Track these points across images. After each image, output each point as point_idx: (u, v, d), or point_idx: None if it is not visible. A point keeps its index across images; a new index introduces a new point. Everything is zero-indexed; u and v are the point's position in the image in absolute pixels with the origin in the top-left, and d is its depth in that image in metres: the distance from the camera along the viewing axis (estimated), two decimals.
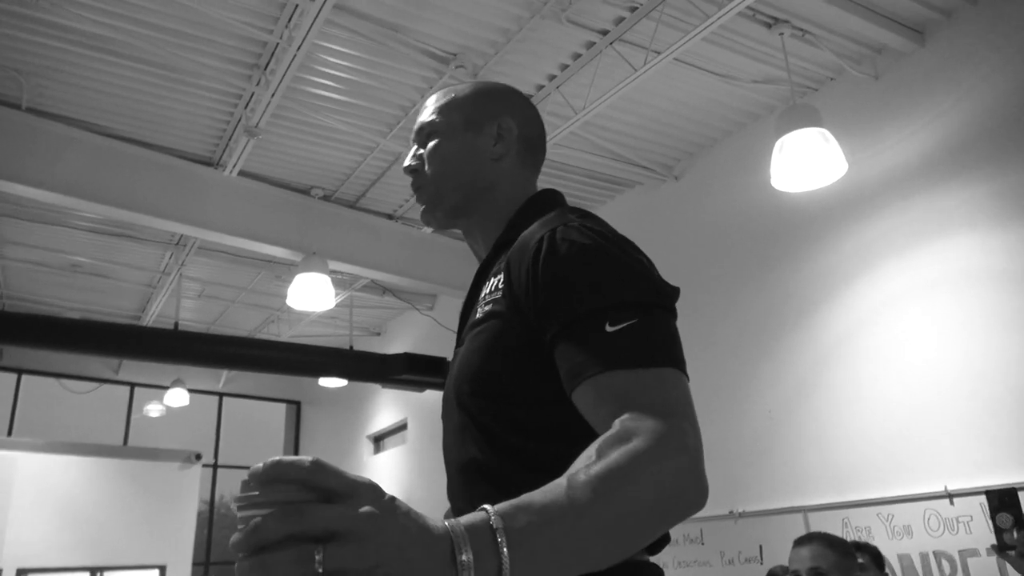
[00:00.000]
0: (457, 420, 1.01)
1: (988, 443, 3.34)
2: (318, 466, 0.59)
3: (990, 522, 2.21)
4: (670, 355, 0.85)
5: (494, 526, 0.63)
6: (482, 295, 1.03)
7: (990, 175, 3.50)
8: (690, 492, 0.76)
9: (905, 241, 3.80)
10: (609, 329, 0.84)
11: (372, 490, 0.60)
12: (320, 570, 0.54)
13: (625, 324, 0.84)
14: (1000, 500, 2.21)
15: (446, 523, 0.63)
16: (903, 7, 3.68)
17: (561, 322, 0.87)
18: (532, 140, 1.19)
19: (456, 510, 1.01)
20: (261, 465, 0.59)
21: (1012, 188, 3.41)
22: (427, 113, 1.19)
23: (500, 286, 0.98)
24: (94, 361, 8.59)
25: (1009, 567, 2.25)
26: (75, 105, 4.47)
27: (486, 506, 0.66)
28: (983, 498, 2.41)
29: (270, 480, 0.58)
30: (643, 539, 0.74)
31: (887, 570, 3.17)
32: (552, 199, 1.14)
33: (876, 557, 2.99)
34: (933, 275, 3.67)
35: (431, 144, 1.16)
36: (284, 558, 0.55)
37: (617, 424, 0.77)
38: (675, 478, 0.75)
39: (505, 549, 0.62)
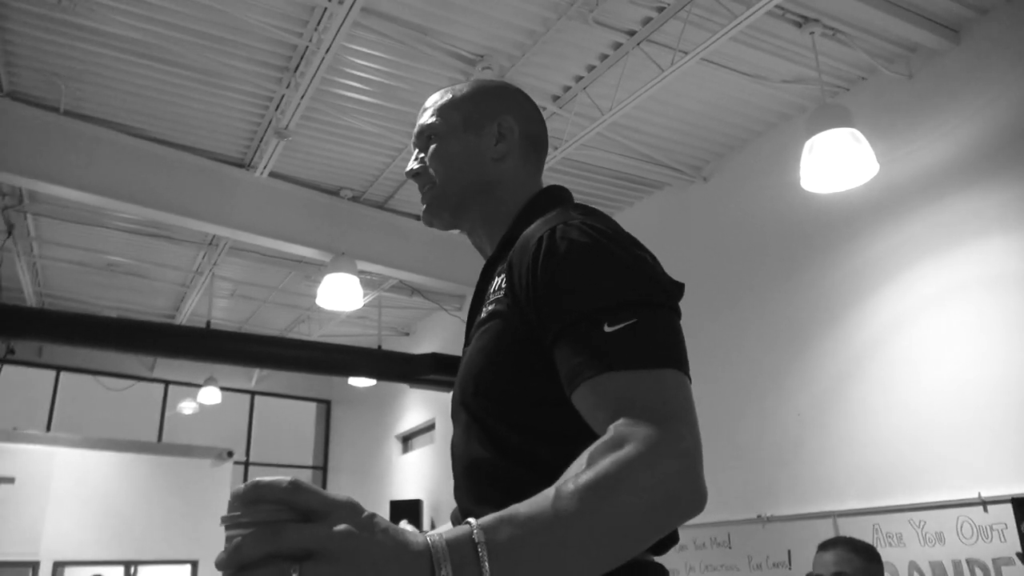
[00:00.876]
0: (463, 420, 1.02)
1: (1023, 448, 3.27)
2: (295, 486, 0.60)
3: (1018, 529, 2.17)
4: (670, 356, 0.84)
5: (476, 540, 0.63)
6: (487, 294, 1.03)
7: None
8: (683, 498, 0.74)
9: (938, 243, 3.73)
10: (608, 329, 0.82)
11: (349, 508, 0.61)
12: None
13: (624, 324, 0.83)
14: None
15: (428, 538, 0.63)
16: (938, 5, 3.62)
17: (560, 322, 0.86)
18: (534, 137, 1.18)
19: (462, 510, 1.01)
20: (243, 486, 0.61)
21: None
22: (426, 115, 1.18)
23: (503, 285, 0.98)
24: (130, 359, 8.76)
25: None
26: (111, 108, 4.58)
27: (470, 520, 0.66)
28: None
29: (251, 501, 0.60)
30: (635, 547, 0.73)
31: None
32: (557, 195, 1.14)
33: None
34: (966, 278, 3.60)
35: (432, 147, 1.16)
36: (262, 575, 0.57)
37: (611, 429, 0.76)
38: (667, 484, 0.73)
39: (487, 563, 0.62)
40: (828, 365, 4.16)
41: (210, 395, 8.66)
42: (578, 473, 0.71)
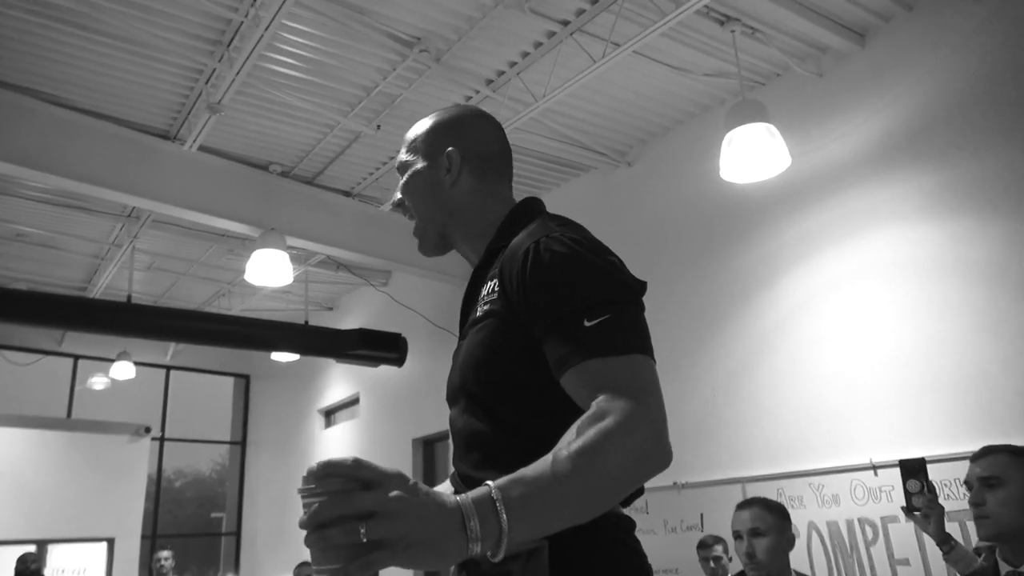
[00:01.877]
0: (463, 402, 1.19)
1: (911, 419, 3.63)
2: (357, 463, 0.78)
3: (903, 487, 2.50)
4: (637, 343, 1.03)
5: (494, 497, 0.81)
6: (481, 296, 1.20)
7: (920, 172, 3.77)
8: (654, 457, 0.94)
9: (841, 231, 4.06)
10: (587, 324, 1.01)
11: (399, 478, 0.79)
12: (364, 540, 0.74)
13: (600, 319, 1.01)
14: (911, 469, 2.51)
15: (457, 499, 0.81)
16: (845, 10, 3.91)
17: (547, 320, 1.05)
18: (485, 156, 1.33)
19: (461, 475, 1.18)
20: (316, 464, 0.78)
21: (939, 184, 3.69)
22: (401, 151, 1.36)
23: (496, 289, 1.15)
24: (36, 332, 8.42)
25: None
26: (29, 74, 4.41)
27: (488, 481, 0.84)
28: None
29: (322, 475, 0.78)
30: (616, 497, 0.94)
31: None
32: (533, 208, 1.30)
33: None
34: (865, 264, 3.94)
35: (402, 182, 1.34)
36: (337, 532, 0.75)
37: (594, 405, 0.95)
38: (640, 446, 0.92)
39: (504, 515, 0.80)
40: (740, 344, 4.47)
41: (123, 370, 8.42)
42: (570, 442, 0.90)
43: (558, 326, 1.03)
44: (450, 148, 1.30)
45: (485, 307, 1.17)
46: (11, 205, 5.88)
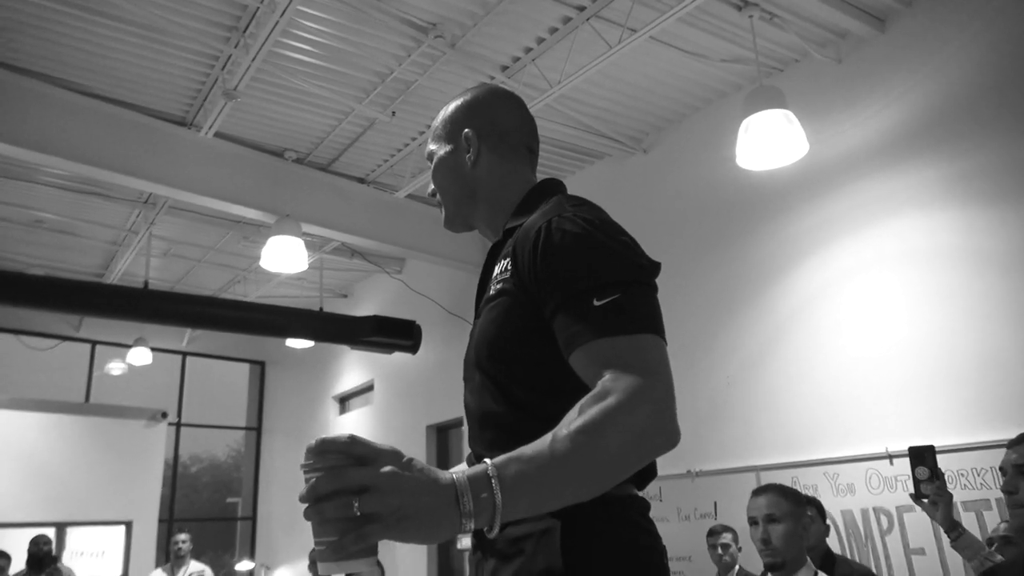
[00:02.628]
0: (477, 380, 1.20)
1: (927, 408, 3.61)
2: (353, 440, 0.82)
3: (912, 474, 2.49)
4: (646, 323, 1.02)
5: (490, 474, 0.83)
6: (495, 274, 1.21)
7: (939, 159, 3.72)
8: (655, 435, 0.93)
9: (858, 219, 4.03)
10: (596, 304, 1.01)
11: (393, 455, 0.83)
12: (358, 513, 0.77)
13: (609, 299, 1.01)
14: (920, 456, 2.50)
15: (453, 475, 0.83)
16: None
17: (558, 299, 1.05)
18: (501, 133, 1.35)
19: (476, 455, 1.19)
20: (313, 441, 0.82)
21: (960, 172, 3.64)
22: (428, 142, 1.40)
23: (508, 267, 1.16)
24: (55, 318, 8.50)
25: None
26: (49, 61, 4.43)
27: (486, 459, 0.85)
28: None
29: (320, 452, 0.81)
30: (617, 475, 0.92)
31: (828, 522, 3.44)
32: (551, 189, 1.31)
33: (820, 510, 3.27)
34: (883, 252, 3.91)
35: (431, 170, 1.39)
36: (332, 506, 0.78)
37: (599, 384, 0.95)
38: (641, 425, 0.91)
39: (498, 492, 0.82)
40: (755, 332, 4.45)
41: (140, 355, 8.50)
42: (572, 420, 0.90)
43: (567, 305, 1.03)
44: (467, 130, 1.33)
45: (498, 285, 1.17)
46: (29, 191, 5.93)
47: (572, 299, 1.03)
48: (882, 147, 3.96)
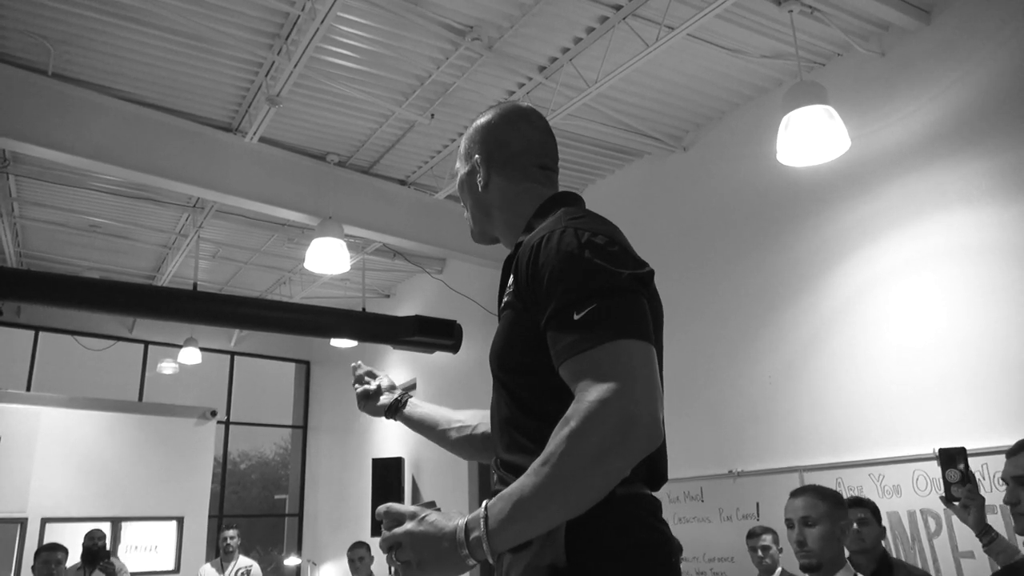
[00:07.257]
0: (495, 386, 1.29)
1: (977, 408, 3.52)
2: (386, 510, 1.10)
3: (942, 476, 2.43)
4: (623, 328, 1.06)
5: (481, 515, 1.01)
6: (505, 287, 1.28)
7: (987, 152, 3.63)
8: (628, 440, 0.98)
9: (903, 215, 3.95)
10: (576, 317, 1.08)
11: (411, 514, 1.08)
12: (395, 558, 1.07)
13: (587, 310, 1.07)
14: (951, 458, 2.44)
15: (458, 520, 1.03)
16: None
17: (546, 314, 1.13)
18: (508, 157, 1.41)
19: (497, 458, 1.27)
20: (380, 508, 1.12)
21: (1009, 165, 3.55)
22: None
23: (512, 282, 1.24)
24: (109, 319, 8.79)
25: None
26: (100, 72, 4.59)
27: (485, 501, 1.03)
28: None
29: (381, 516, 1.11)
30: (587, 495, 1.00)
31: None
32: (562, 201, 1.36)
33: (875, 511, 3.20)
34: (928, 248, 3.82)
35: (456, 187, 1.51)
36: (388, 556, 1.09)
37: (572, 403, 1.03)
38: (596, 446, 0.98)
39: (484, 530, 1.00)
40: (798, 330, 4.39)
41: (190, 355, 8.73)
42: (546, 447, 1.02)
43: (552, 321, 1.11)
44: (476, 155, 1.42)
45: (505, 299, 1.26)
46: (85, 197, 6.14)
47: (556, 314, 1.10)
48: (927, 142, 3.88)
